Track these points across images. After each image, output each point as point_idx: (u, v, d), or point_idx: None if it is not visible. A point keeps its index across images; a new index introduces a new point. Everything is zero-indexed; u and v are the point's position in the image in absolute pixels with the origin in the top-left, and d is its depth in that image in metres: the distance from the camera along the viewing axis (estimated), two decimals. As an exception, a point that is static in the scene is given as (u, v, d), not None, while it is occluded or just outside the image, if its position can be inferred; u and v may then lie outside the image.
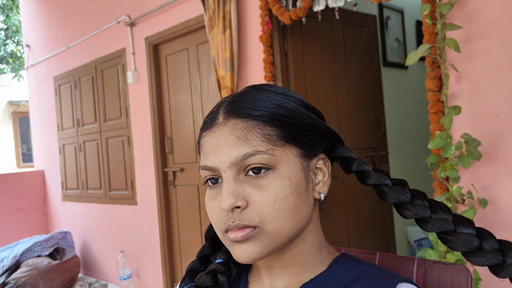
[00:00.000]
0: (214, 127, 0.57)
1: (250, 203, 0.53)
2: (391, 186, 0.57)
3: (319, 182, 0.60)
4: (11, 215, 4.39)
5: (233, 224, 0.53)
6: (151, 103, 3.19)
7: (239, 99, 0.58)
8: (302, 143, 0.57)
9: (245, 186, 0.54)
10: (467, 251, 0.51)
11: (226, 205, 0.52)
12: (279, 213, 0.53)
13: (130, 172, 3.45)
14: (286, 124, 0.56)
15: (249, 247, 0.53)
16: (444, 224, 0.53)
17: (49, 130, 4.48)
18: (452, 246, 0.52)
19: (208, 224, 0.66)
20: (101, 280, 3.87)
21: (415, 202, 0.55)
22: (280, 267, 0.60)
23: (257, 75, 2.45)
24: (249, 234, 0.53)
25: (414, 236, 3.38)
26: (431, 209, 0.54)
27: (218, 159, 0.55)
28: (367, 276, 0.57)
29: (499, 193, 1.59)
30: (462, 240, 0.51)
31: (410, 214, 0.55)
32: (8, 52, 10.99)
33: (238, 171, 0.54)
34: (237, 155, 0.53)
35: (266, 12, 2.35)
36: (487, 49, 1.59)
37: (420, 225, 0.55)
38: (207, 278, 0.60)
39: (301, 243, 0.59)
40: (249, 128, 0.54)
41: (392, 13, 3.52)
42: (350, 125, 2.77)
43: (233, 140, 0.54)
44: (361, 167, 0.60)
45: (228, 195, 0.53)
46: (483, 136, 1.61)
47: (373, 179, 0.59)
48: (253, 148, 0.53)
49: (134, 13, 3.28)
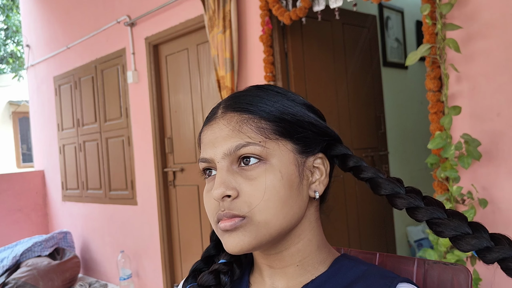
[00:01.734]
0: (212, 121, 0.59)
1: (240, 193, 0.54)
2: (386, 178, 0.58)
3: (316, 180, 0.60)
4: (11, 215, 4.39)
5: (222, 212, 0.54)
6: (151, 103, 3.19)
7: (239, 96, 0.60)
8: (297, 139, 0.58)
9: (237, 176, 0.55)
10: (456, 236, 0.50)
11: (216, 194, 0.54)
12: (268, 204, 0.54)
13: (130, 172, 3.45)
14: (282, 120, 0.57)
15: (237, 237, 0.54)
16: (436, 211, 0.53)
17: (49, 130, 4.49)
18: (442, 230, 0.51)
19: (208, 223, 0.67)
20: (101, 280, 3.87)
21: (409, 194, 0.55)
22: (280, 267, 0.60)
23: (257, 75, 2.45)
24: (238, 223, 0.54)
25: (414, 236, 3.38)
26: (425, 201, 0.54)
27: (213, 151, 0.57)
28: (367, 276, 0.57)
29: (499, 193, 1.59)
30: (453, 225, 0.51)
31: (403, 203, 0.55)
32: (8, 52, 10.99)
33: (231, 162, 0.56)
34: (230, 146, 0.55)
35: (266, 12, 2.35)
36: (487, 49, 1.59)
37: (412, 214, 0.55)
38: (210, 277, 0.61)
39: (297, 242, 0.59)
40: (244, 121, 0.56)
41: (392, 13, 3.52)
42: (350, 125, 2.77)
43: (227, 132, 0.56)
44: (358, 163, 0.60)
45: (219, 184, 0.54)
46: (483, 136, 1.61)
47: (369, 173, 0.59)
48: (246, 139, 0.55)
49: (134, 13, 3.28)
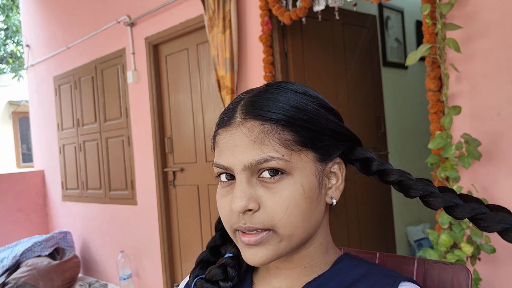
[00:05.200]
0: (231, 126, 0.56)
1: (261, 206, 0.53)
2: (415, 180, 0.56)
3: (332, 186, 0.59)
4: (11, 215, 4.39)
5: (244, 226, 0.53)
6: (151, 103, 3.19)
7: (258, 99, 0.56)
8: (319, 148, 0.56)
9: (257, 188, 0.54)
10: (505, 228, 0.49)
11: (238, 207, 0.52)
12: (290, 219, 0.53)
13: (130, 172, 3.45)
14: (305, 128, 0.54)
15: (260, 251, 0.53)
16: (478, 207, 0.51)
17: (49, 130, 4.48)
18: (489, 225, 0.50)
19: (208, 223, 0.67)
20: (101, 280, 3.87)
21: (444, 192, 0.54)
22: (287, 268, 0.60)
23: (257, 75, 2.45)
24: (263, 238, 0.53)
25: (414, 236, 3.38)
26: (463, 198, 0.53)
27: (232, 160, 0.54)
28: (370, 275, 0.57)
29: (499, 193, 1.59)
30: (499, 217, 0.49)
31: (439, 201, 0.53)
32: (8, 52, 10.98)
33: (251, 173, 0.54)
34: (252, 160, 0.53)
35: (266, 12, 2.35)
36: (487, 49, 1.59)
37: (450, 211, 0.53)
38: (218, 271, 0.61)
39: (309, 246, 0.59)
40: (266, 132, 0.53)
41: (392, 13, 3.52)
42: (350, 125, 2.74)
43: (249, 143, 0.53)
44: (382, 166, 0.59)
45: (241, 198, 0.52)
46: (483, 136, 1.61)
47: (396, 175, 0.57)
48: (268, 154, 0.52)
49: (134, 13, 3.28)
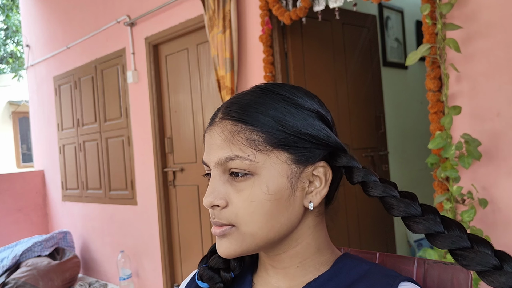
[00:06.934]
0: (212, 125, 0.59)
1: (229, 203, 0.56)
2: (399, 199, 0.54)
3: (313, 190, 0.58)
4: (11, 215, 4.39)
5: (213, 220, 0.57)
6: (151, 103, 3.19)
7: (236, 101, 0.58)
8: (294, 149, 0.55)
9: (227, 186, 0.56)
10: (483, 271, 0.47)
11: (205, 202, 0.56)
12: (252, 217, 0.55)
13: (130, 172, 3.45)
14: (277, 130, 0.55)
15: (225, 243, 0.57)
16: (459, 240, 0.49)
17: (49, 130, 4.48)
18: (468, 263, 0.48)
19: (208, 223, 0.68)
20: (101, 280, 3.87)
21: (426, 216, 0.52)
22: (281, 267, 0.61)
23: (257, 75, 2.45)
24: (225, 231, 0.56)
25: (414, 236, 3.38)
26: (444, 224, 0.51)
27: (208, 157, 0.58)
28: (369, 275, 0.57)
29: (499, 193, 1.59)
30: (480, 257, 0.48)
31: (420, 228, 0.52)
32: (8, 52, 10.98)
33: (223, 171, 0.57)
34: (221, 157, 0.56)
35: (266, 12, 2.35)
36: (487, 49, 1.59)
37: (431, 240, 0.51)
38: (220, 260, 0.64)
39: (295, 245, 0.60)
40: (235, 132, 0.55)
41: (392, 13, 3.52)
42: (350, 125, 2.77)
43: (221, 142, 0.56)
44: (366, 178, 0.56)
45: (209, 193, 0.57)
46: (483, 136, 1.61)
47: (379, 191, 0.55)
48: (236, 152, 0.55)
49: (134, 13, 3.28)
